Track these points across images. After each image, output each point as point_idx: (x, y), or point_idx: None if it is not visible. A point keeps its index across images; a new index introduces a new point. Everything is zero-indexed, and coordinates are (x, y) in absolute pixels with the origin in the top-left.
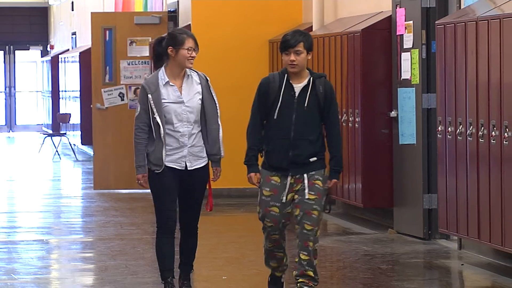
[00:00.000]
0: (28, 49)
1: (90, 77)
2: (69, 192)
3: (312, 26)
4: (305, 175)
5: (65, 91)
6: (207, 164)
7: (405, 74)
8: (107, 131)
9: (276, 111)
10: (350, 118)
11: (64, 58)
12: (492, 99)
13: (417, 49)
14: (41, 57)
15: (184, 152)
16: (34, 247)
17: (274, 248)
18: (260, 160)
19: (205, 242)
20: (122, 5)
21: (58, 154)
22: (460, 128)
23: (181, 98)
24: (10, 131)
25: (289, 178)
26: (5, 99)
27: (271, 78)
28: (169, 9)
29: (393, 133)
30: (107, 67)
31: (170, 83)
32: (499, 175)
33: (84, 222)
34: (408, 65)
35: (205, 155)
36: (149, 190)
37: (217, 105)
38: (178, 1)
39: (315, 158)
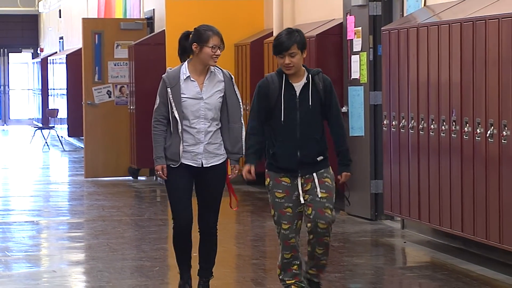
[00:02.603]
0: (21, 52)
1: (76, 76)
2: (57, 178)
3: (272, 31)
4: (314, 174)
5: (54, 89)
6: (225, 161)
7: (355, 74)
8: (96, 125)
9: (280, 112)
10: None
11: (53, 59)
12: (431, 96)
13: (365, 52)
14: (32, 58)
15: (200, 149)
16: (26, 228)
17: (292, 259)
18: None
19: None
20: (104, 13)
21: (47, 145)
22: (403, 122)
23: (201, 94)
24: (5, 124)
25: (299, 179)
26: (0, 96)
27: (270, 79)
28: (146, 16)
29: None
30: (96, 68)
31: (191, 79)
32: (437, 163)
33: (70, 206)
34: (357, 66)
35: (222, 152)
36: (129, 177)
37: (241, 103)
38: (154, 9)
39: (321, 157)
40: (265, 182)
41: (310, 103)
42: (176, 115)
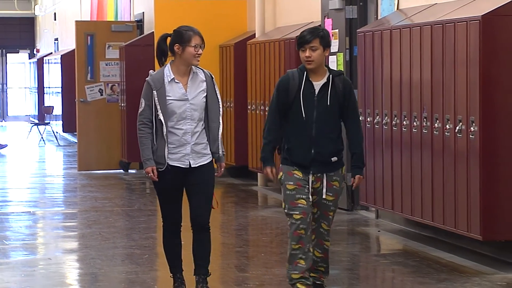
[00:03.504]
0: (18, 52)
1: (70, 75)
2: (52, 172)
3: (255, 33)
4: (324, 175)
5: (49, 87)
6: (212, 161)
7: None
8: (89, 121)
9: (297, 108)
10: None
11: (48, 59)
12: (404, 94)
13: (342, 53)
14: (29, 59)
15: (187, 150)
16: (23, 218)
17: (299, 252)
18: (277, 158)
19: None
20: (97, 15)
21: (43, 140)
22: (377, 118)
23: (186, 95)
24: (3, 121)
25: (310, 176)
26: None
27: (291, 75)
28: (136, 19)
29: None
30: (89, 67)
31: (176, 80)
32: (409, 157)
33: (65, 197)
34: (335, 66)
35: (209, 152)
36: (120, 170)
37: (220, 103)
38: (143, 12)
39: (336, 158)
40: (278, 176)
41: (328, 103)
42: (161, 117)
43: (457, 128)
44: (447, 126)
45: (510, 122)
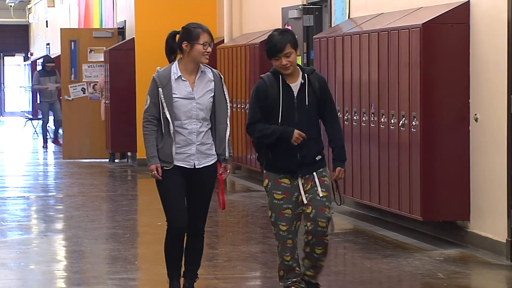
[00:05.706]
0: (14, 56)
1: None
2: (45, 161)
3: (224, 39)
4: (314, 174)
5: None
6: (216, 162)
7: None
8: (72, 116)
9: (278, 114)
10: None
11: (41, 62)
12: (354, 93)
13: (300, 57)
14: (24, 61)
15: (192, 150)
16: (18, 202)
17: (292, 262)
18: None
19: (145, 196)
20: (84, 23)
21: (36, 133)
22: None
23: (192, 94)
24: (1, 116)
25: (299, 179)
26: None
27: (267, 81)
28: (118, 26)
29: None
30: (73, 69)
31: (183, 78)
32: (359, 148)
33: (55, 183)
34: None
35: (214, 152)
36: (105, 159)
37: (228, 104)
38: (125, 20)
39: (320, 157)
40: (263, 183)
41: (307, 103)
42: (168, 116)
43: (401, 122)
44: (392, 121)
45: (447, 117)
